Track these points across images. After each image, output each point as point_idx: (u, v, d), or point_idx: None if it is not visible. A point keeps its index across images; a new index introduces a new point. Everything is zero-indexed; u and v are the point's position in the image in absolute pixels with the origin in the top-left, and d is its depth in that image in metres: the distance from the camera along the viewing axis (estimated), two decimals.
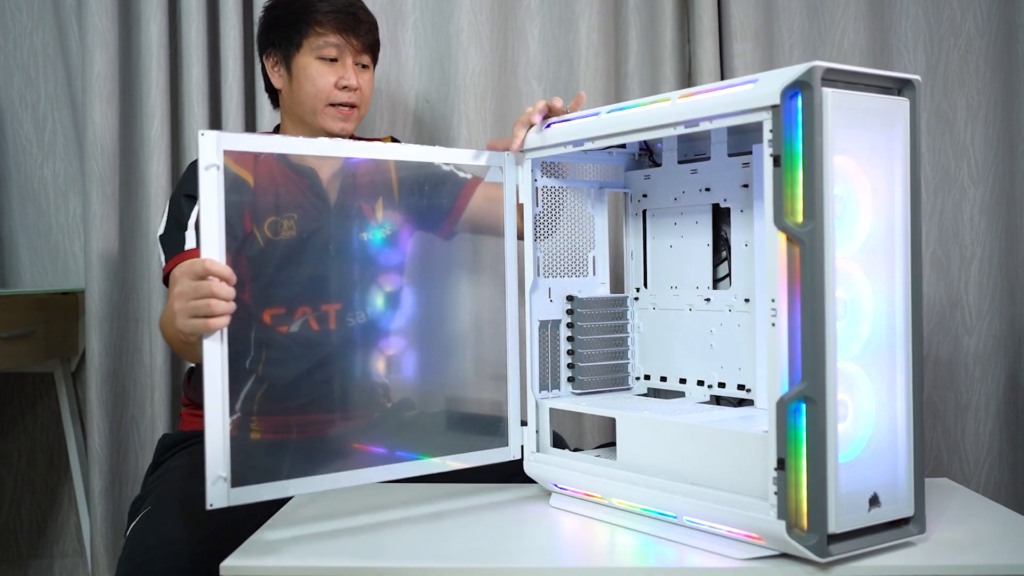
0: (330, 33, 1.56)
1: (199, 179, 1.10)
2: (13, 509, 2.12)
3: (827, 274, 0.95)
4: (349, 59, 1.57)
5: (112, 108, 1.92)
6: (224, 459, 1.11)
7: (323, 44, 1.56)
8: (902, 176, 1.03)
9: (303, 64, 1.57)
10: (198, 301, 1.07)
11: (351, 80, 1.57)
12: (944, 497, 1.24)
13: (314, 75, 1.56)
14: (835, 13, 1.93)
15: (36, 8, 2.07)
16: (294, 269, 1.33)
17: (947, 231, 1.93)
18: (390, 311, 1.62)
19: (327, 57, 1.56)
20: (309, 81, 1.56)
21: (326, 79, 1.56)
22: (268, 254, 1.30)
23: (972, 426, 1.91)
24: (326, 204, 1.47)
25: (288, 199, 1.43)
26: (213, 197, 1.10)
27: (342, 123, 1.59)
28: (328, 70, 1.57)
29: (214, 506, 1.09)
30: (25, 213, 2.09)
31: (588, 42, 1.93)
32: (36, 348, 1.89)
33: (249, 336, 1.27)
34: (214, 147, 1.11)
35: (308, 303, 1.32)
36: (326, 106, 1.57)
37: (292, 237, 1.42)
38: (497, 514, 1.22)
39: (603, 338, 1.37)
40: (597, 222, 1.40)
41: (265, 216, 1.34)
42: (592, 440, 1.91)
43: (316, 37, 1.56)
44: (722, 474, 1.05)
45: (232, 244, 1.19)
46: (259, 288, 1.29)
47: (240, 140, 1.15)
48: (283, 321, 1.31)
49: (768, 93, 0.97)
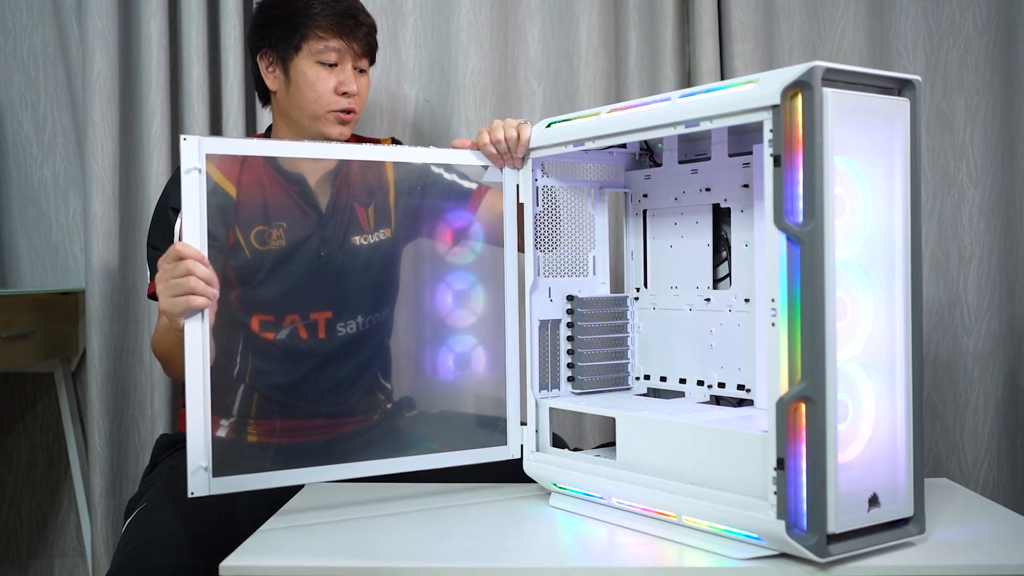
0: (331, 37, 1.52)
1: (181, 182, 1.11)
2: (13, 509, 2.12)
3: (827, 274, 0.95)
4: (349, 64, 1.54)
5: (112, 108, 1.92)
6: (205, 449, 1.12)
7: (324, 49, 1.52)
8: (902, 176, 1.04)
9: (302, 68, 1.54)
10: (178, 279, 1.10)
11: (351, 87, 1.54)
12: (943, 497, 1.24)
13: (314, 80, 1.53)
14: (835, 13, 1.93)
15: (36, 8, 2.07)
16: (284, 277, 1.32)
17: (946, 231, 1.93)
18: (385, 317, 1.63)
19: (327, 62, 1.53)
20: (309, 86, 1.53)
21: (326, 85, 1.53)
22: (256, 263, 1.31)
23: (971, 426, 1.91)
24: (316, 211, 1.45)
25: (277, 208, 1.41)
26: (195, 200, 1.12)
27: (341, 128, 1.56)
28: (328, 75, 1.53)
29: (195, 494, 1.12)
30: (25, 213, 2.09)
31: (588, 42, 1.93)
32: (36, 348, 1.89)
33: (238, 343, 1.28)
34: (196, 151, 1.12)
35: (297, 311, 1.33)
36: (326, 112, 1.54)
37: (282, 246, 1.42)
38: (497, 514, 1.22)
39: (603, 338, 1.37)
40: (597, 222, 1.40)
41: (252, 225, 1.34)
42: (592, 440, 1.91)
43: (317, 41, 1.52)
44: (722, 474, 1.05)
45: (218, 257, 1.21)
46: (247, 295, 1.29)
47: (223, 144, 1.16)
48: (271, 328, 1.32)
49: (768, 93, 0.97)
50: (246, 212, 1.32)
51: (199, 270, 1.10)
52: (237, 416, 1.27)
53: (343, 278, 1.37)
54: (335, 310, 1.43)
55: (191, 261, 1.10)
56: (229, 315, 1.26)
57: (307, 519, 1.21)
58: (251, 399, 1.40)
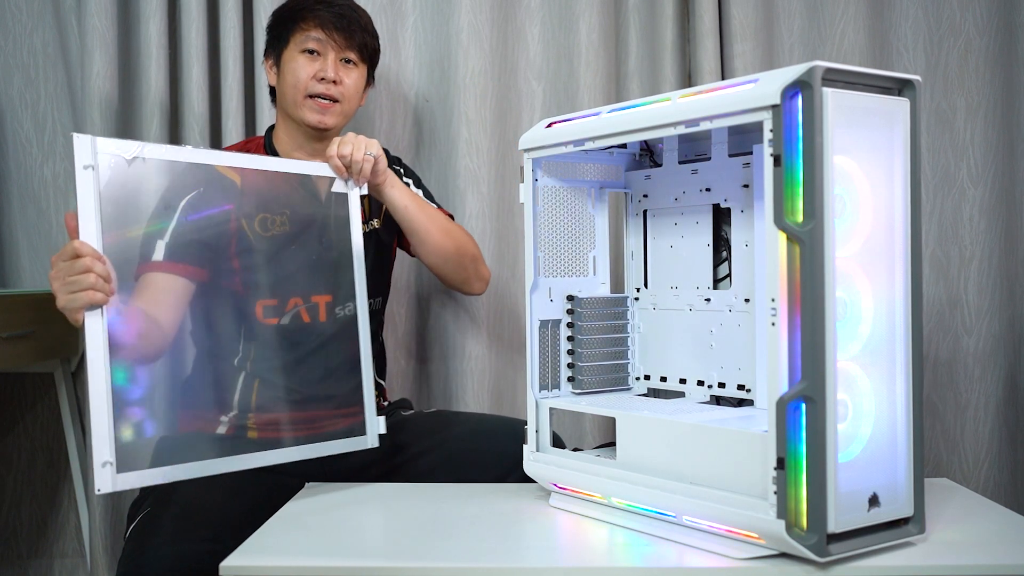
0: (313, 28, 1.59)
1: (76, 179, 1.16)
2: (13, 509, 2.12)
3: (827, 274, 0.95)
4: (332, 54, 1.59)
5: (112, 108, 1.92)
6: (109, 444, 1.13)
7: (306, 39, 1.59)
8: (902, 176, 1.04)
9: (288, 58, 1.61)
10: (76, 276, 1.13)
11: (329, 72, 1.58)
12: (943, 497, 1.24)
13: (295, 67, 1.59)
14: (835, 13, 1.93)
15: (36, 8, 2.07)
16: (284, 263, 1.36)
17: (946, 231, 1.93)
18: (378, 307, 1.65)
19: (309, 50, 1.59)
20: (291, 73, 1.60)
21: (306, 70, 1.59)
22: (259, 249, 1.35)
23: (971, 426, 1.91)
24: (317, 199, 1.47)
25: (280, 196, 1.43)
26: (90, 197, 1.17)
27: (319, 116, 1.60)
28: (309, 63, 1.59)
29: (101, 491, 1.13)
30: (25, 213, 2.09)
31: (588, 42, 1.93)
32: (36, 348, 1.89)
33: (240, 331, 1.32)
34: (89, 149, 1.18)
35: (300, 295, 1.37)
36: (304, 97, 1.59)
37: (285, 232, 1.43)
38: (497, 514, 1.22)
39: (603, 338, 1.37)
40: (597, 222, 1.40)
41: (256, 213, 1.38)
42: (592, 440, 1.91)
43: (301, 33, 1.60)
44: (722, 474, 1.05)
45: (223, 241, 1.27)
46: (250, 279, 1.33)
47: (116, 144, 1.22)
48: (275, 314, 1.35)
49: (768, 93, 0.97)
50: (250, 199, 1.35)
51: (97, 267, 1.14)
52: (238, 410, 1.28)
53: (344, 264, 1.41)
54: (334, 294, 1.45)
55: (89, 259, 1.13)
56: (234, 301, 1.31)
57: (307, 519, 1.21)
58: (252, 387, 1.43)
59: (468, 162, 1.92)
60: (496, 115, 1.95)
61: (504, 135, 1.96)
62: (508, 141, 1.95)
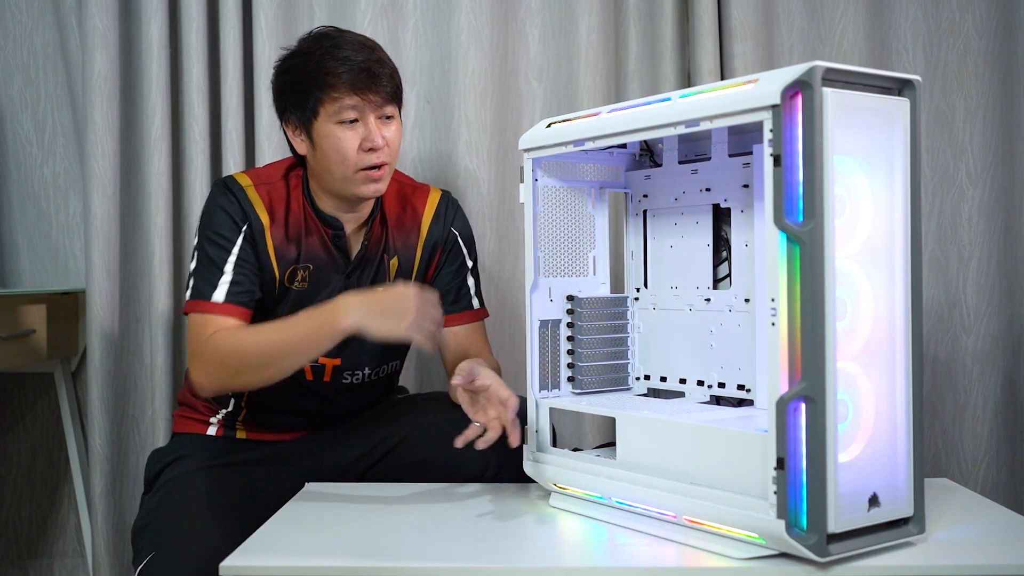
0: (345, 95, 1.40)
1: None
2: (13, 509, 2.12)
3: (827, 274, 0.95)
4: (371, 117, 1.41)
5: (112, 108, 1.92)
6: None
7: (340, 108, 1.40)
8: (902, 176, 1.04)
9: (324, 132, 1.42)
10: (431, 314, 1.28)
11: (376, 140, 1.41)
12: (943, 497, 1.24)
13: (337, 142, 1.41)
14: (835, 13, 1.93)
15: (36, 8, 2.07)
16: None
17: (946, 231, 1.93)
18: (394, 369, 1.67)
19: (347, 120, 1.41)
20: (332, 149, 1.42)
21: (350, 144, 1.41)
22: (280, 295, 1.46)
23: (970, 425, 1.91)
24: (346, 258, 1.50)
25: (309, 248, 1.47)
26: None
27: (374, 186, 1.44)
28: (350, 134, 1.41)
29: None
30: (25, 213, 2.09)
31: (588, 42, 1.93)
32: (36, 348, 1.89)
33: None
34: None
35: None
36: (354, 172, 1.42)
37: (304, 288, 1.47)
38: (497, 514, 1.22)
39: (603, 338, 1.37)
40: (597, 222, 1.40)
41: (282, 259, 1.45)
42: (592, 440, 1.91)
43: (332, 102, 1.40)
44: (722, 474, 1.05)
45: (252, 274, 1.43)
46: None
47: None
48: None
49: (768, 93, 0.97)
50: (278, 243, 1.43)
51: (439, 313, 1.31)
52: None
53: None
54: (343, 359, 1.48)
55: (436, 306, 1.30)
56: None
57: (307, 519, 1.21)
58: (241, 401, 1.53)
59: (468, 163, 1.92)
60: (496, 116, 1.95)
61: (504, 136, 1.96)
62: (508, 141, 1.95)
